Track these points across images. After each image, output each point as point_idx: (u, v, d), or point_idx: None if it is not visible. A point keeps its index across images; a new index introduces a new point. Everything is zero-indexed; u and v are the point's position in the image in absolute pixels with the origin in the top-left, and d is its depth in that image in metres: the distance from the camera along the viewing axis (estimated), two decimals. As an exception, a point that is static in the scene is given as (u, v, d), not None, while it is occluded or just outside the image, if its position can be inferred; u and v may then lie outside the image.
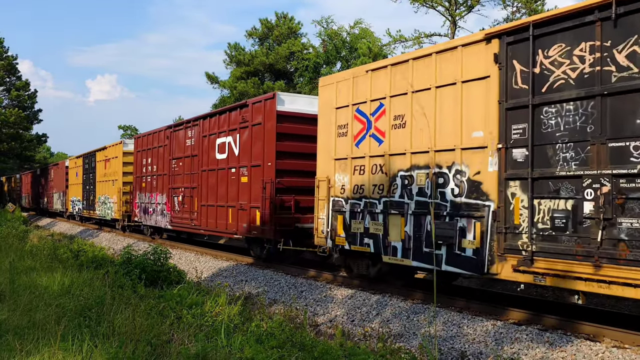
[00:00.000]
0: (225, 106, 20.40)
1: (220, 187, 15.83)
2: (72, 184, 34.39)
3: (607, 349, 6.69)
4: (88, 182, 30.25)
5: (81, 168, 31.93)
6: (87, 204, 30.23)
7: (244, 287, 12.49)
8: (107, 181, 26.55)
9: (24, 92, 51.78)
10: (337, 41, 34.87)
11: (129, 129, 71.30)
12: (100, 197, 27.60)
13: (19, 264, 11.16)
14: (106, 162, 26.90)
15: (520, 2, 27.80)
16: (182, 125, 18.67)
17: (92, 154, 29.40)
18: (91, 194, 29.42)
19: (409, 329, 8.50)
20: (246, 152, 14.50)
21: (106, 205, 26.61)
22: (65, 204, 36.30)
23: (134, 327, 6.49)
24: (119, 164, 24.89)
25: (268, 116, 13.78)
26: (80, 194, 32.09)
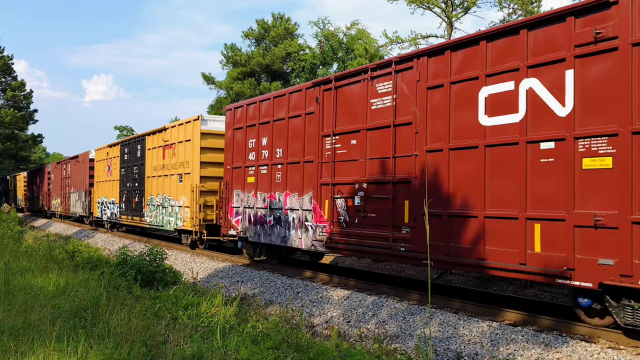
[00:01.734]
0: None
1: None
2: (101, 180, 26.96)
3: (603, 349, 6.71)
4: (130, 177, 22.90)
5: (117, 159, 24.43)
6: (128, 207, 22.99)
7: (240, 288, 12.48)
8: (167, 176, 19.14)
9: (19, 92, 51.59)
10: (333, 42, 34.90)
11: (124, 129, 71.17)
12: (155, 198, 20.17)
13: (14, 264, 11.12)
14: (166, 148, 19.33)
15: (517, 4, 27.87)
16: (358, 75, 10.77)
17: (139, 140, 21.84)
18: (135, 194, 22.13)
19: (405, 330, 8.51)
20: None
21: (166, 210, 19.07)
22: (89, 206, 28.93)
23: (129, 328, 6.47)
24: (194, 150, 17.23)
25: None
26: (114, 193, 24.81)
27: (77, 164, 31.85)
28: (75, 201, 31.55)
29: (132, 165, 22.55)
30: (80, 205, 30.54)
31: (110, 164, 25.23)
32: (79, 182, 30.98)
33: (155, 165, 20.17)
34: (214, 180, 16.80)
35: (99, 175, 27.48)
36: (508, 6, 28.31)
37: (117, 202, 24.23)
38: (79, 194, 30.85)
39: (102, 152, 26.84)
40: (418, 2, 28.66)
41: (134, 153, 22.33)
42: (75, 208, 31.55)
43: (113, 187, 24.89)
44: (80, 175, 30.94)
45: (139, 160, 21.78)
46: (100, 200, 26.88)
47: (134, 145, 22.50)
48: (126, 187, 23.21)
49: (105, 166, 26.14)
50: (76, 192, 31.64)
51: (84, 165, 30.12)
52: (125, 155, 23.38)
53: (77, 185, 31.48)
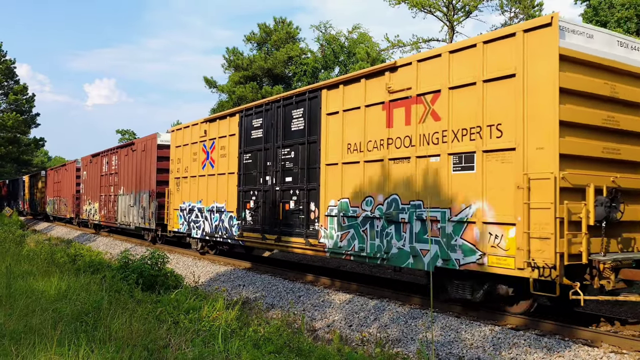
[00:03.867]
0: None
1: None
2: (186, 175, 17.67)
3: (605, 354, 6.69)
4: (273, 168, 13.34)
5: (232, 140, 15.20)
6: (267, 218, 13.57)
7: (242, 291, 12.46)
8: (412, 159, 9.56)
9: (21, 96, 51.77)
10: (335, 46, 34.98)
11: (127, 133, 71.27)
12: (357, 202, 10.74)
13: (16, 268, 11.13)
14: (406, 104, 9.68)
15: (518, 8, 27.92)
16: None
17: (299, 99, 12.67)
18: (287, 195, 12.88)
19: (407, 334, 8.49)
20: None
21: (407, 229, 9.61)
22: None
23: (130, 332, 6.46)
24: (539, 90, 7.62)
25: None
26: (223, 194, 15.44)
27: (131, 154, 22.86)
28: (129, 207, 22.82)
29: (277, 147, 13.24)
30: (139, 212, 21.67)
31: (211, 148, 16.19)
32: (137, 179, 22.02)
33: (356, 142, 10.73)
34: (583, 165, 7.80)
35: (180, 167, 18.11)
36: (510, 10, 28.37)
37: (232, 210, 14.87)
38: (137, 196, 21.91)
39: (190, 132, 17.53)
40: (420, 6, 28.72)
41: (282, 125, 13.08)
42: (129, 217, 22.75)
43: (220, 185, 15.55)
44: (138, 169, 22.01)
45: (297, 135, 12.55)
46: (186, 205, 17.43)
47: (281, 112, 13.15)
48: (258, 183, 13.85)
49: (197, 153, 16.96)
50: (129, 195, 22.94)
51: (146, 155, 21.17)
52: (256, 132, 14.11)
53: (132, 184, 22.53)
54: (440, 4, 28.96)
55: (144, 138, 22.23)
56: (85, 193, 30.43)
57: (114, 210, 25.09)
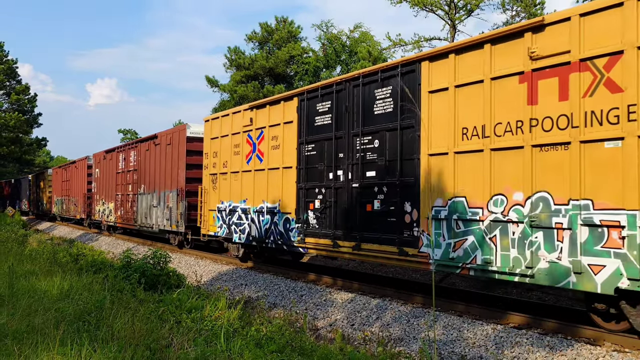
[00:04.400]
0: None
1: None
2: (226, 171, 15.33)
3: (608, 352, 6.68)
4: (345, 161, 11.20)
5: (288, 129, 13.02)
6: (342, 221, 11.20)
7: (244, 291, 12.47)
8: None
9: (23, 96, 51.88)
10: (336, 45, 34.96)
11: (128, 132, 71.36)
12: (490, 204, 8.35)
13: (18, 268, 11.15)
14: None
15: (520, 6, 27.87)
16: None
17: (385, 75, 10.33)
18: (374, 195, 10.51)
19: (409, 333, 8.48)
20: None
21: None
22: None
23: (133, 332, 6.47)
24: None
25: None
26: (276, 192, 13.31)
27: (153, 149, 20.66)
28: (151, 207, 20.60)
29: (353, 135, 10.89)
30: (163, 213, 19.47)
31: (259, 139, 13.88)
32: (161, 176, 19.75)
33: (476, 125, 8.56)
34: None
35: (217, 162, 15.79)
36: (511, 9, 28.32)
37: (288, 211, 12.63)
38: (161, 196, 19.71)
39: (230, 121, 15.18)
40: (421, 4, 28.69)
41: (361, 108, 10.74)
42: (151, 218, 20.60)
43: (272, 182, 13.26)
44: (162, 165, 19.77)
45: (383, 120, 10.24)
46: (225, 206, 15.18)
47: (359, 93, 10.84)
48: (326, 179, 11.59)
49: (239, 145, 14.64)
50: (151, 194, 20.73)
51: (173, 150, 18.87)
52: (322, 118, 11.80)
53: (156, 182, 20.27)
54: (441, 3, 28.94)
55: (170, 130, 19.64)
56: (98, 192, 27.96)
57: (132, 211, 22.67)
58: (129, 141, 23.50)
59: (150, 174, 20.96)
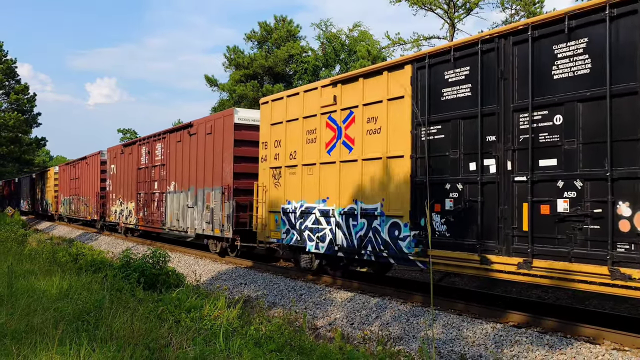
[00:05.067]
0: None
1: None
2: (295, 164, 12.68)
3: (607, 351, 6.68)
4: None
5: (399, 106, 10.13)
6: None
7: (243, 290, 12.47)
8: None
9: (23, 95, 51.86)
10: (336, 44, 34.94)
11: (128, 132, 71.31)
12: None
13: (18, 267, 11.13)
14: None
15: (519, 5, 27.85)
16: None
17: None
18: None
19: (409, 332, 8.48)
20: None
21: None
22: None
23: (132, 331, 6.46)
24: None
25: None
26: (396, 191, 10.16)
27: (187, 140, 17.87)
28: (185, 208, 17.75)
29: (513, 110, 8.24)
30: (202, 215, 16.54)
31: (346, 122, 11.17)
32: (199, 172, 16.93)
33: None
34: None
35: (280, 152, 13.03)
36: (510, 7, 28.31)
37: (398, 214, 9.91)
38: (199, 194, 16.85)
39: (300, 101, 12.46)
40: (420, 3, 28.67)
41: (528, 72, 7.99)
42: (185, 220, 17.73)
43: (368, 175, 10.62)
44: (200, 158, 16.95)
45: (570, 86, 7.56)
46: (294, 206, 12.41)
47: (523, 53, 8.14)
48: (464, 171, 8.94)
49: (316, 130, 11.89)
50: (184, 192, 17.86)
51: (215, 140, 16.10)
52: (453, 89, 9.16)
53: (191, 179, 17.47)
54: (440, 1, 28.92)
55: (210, 117, 16.96)
56: (114, 191, 25.07)
57: (159, 212, 19.76)
58: (155, 132, 20.72)
59: (183, 169, 18.16)
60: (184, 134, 18.20)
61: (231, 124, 15.33)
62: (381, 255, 10.19)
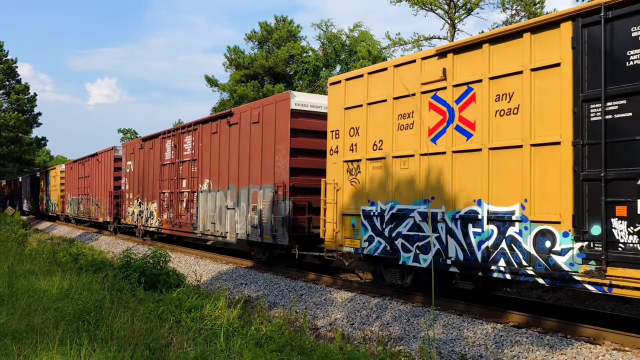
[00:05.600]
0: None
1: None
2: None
3: (608, 351, 6.67)
4: None
5: (558, 76, 7.71)
6: None
7: (244, 290, 12.47)
8: None
9: (23, 95, 51.89)
10: (336, 44, 34.94)
11: (128, 132, 71.34)
12: None
13: (18, 267, 11.14)
14: None
15: (520, 5, 27.84)
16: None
17: None
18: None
19: (409, 332, 8.48)
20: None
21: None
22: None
23: (132, 331, 6.47)
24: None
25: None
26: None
27: (225, 131, 15.63)
28: (224, 209, 15.36)
29: None
30: (248, 218, 14.23)
31: (460, 102, 9.04)
32: (241, 167, 14.68)
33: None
34: None
35: (358, 142, 10.85)
36: (511, 7, 28.30)
37: (549, 219, 7.73)
38: (241, 194, 14.64)
39: (389, 78, 10.28)
40: (421, 3, 28.68)
41: None
42: (223, 224, 15.39)
43: (497, 168, 8.45)
44: (245, 151, 14.62)
45: None
46: (380, 209, 10.25)
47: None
48: None
49: (412, 114, 9.77)
50: (221, 192, 15.62)
51: (264, 129, 13.78)
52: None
53: (230, 176, 15.20)
54: (441, 2, 28.93)
55: (257, 103, 14.54)
56: (131, 190, 22.78)
57: (188, 214, 17.51)
58: (184, 123, 18.67)
59: (220, 164, 15.78)
60: (221, 124, 15.93)
61: (286, 111, 12.98)
62: (523, 272, 7.90)
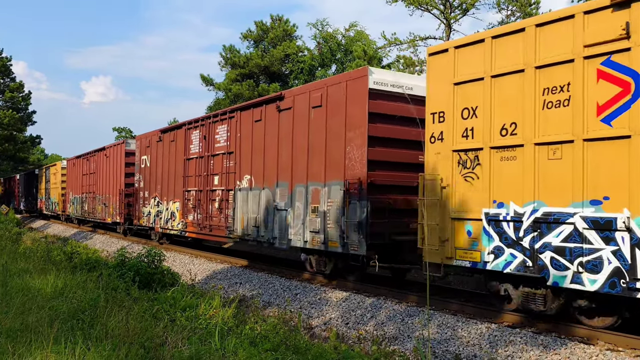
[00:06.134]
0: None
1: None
2: None
3: (601, 351, 6.71)
4: None
5: None
6: None
7: (238, 289, 12.46)
8: None
9: (18, 93, 51.70)
10: (332, 44, 34.92)
11: (123, 130, 71.04)
12: None
13: (12, 266, 11.11)
14: None
15: (515, 6, 27.91)
16: None
17: None
18: None
19: (404, 332, 8.50)
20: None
21: None
22: (426, 231, 8.98)
23: (127, 330, 6.46)
24: None
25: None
26: None
27: (277, 118, 13.11)
28: (268, 210, 13.26)
29: None
30: (307, 221, 11.96)
31: None
32: (299, 161, 12.34)
33: None
34: None
35: (474, 125, 8.60)
36: (507, 8, 28.38)
37: None
38: (296, 192, 12.37)
39: (521, 42, 7.99)
40: (416, 3, 28.71)
41: None
42: (272, 228, 13.08)
43: None
44: (299, 141, 12.39)
45: None
46: (513, 211, 7.95)
47: None
48: None
49: (561, 88, 7.51)
50: (267, 190, 13.37)
51: (331, 115, 11.56)
52: None
53: (280, 171, 12.91)
54: (437, 2, 28.97)
55: (318, 84, 12.19)
56: (147, 188, 20.57)
57: (221, 216, 15.24)
58: (213, 112, 16.63)
59: (266, 157, 13.33)
60: (267, 110, 13.38)
61: (363, 91, 10.57)
62: None
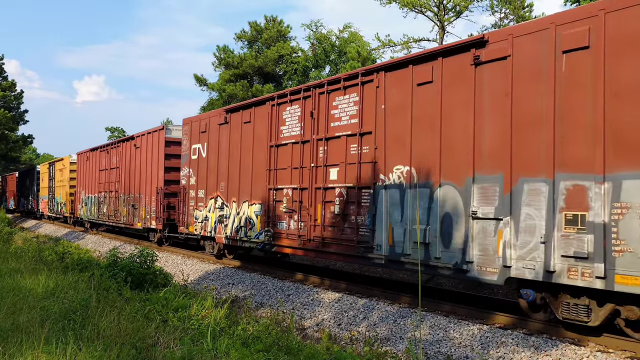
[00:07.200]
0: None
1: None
2: None
3: (592, 353, 6.75)
4: None
5: None
6: None
7: (231, 290, 12.44)
8: None
9: (10, 92, 51.41)
10: (326, 45, 34.96)
11: (116, 130, 70.71)
12: None
13: (3, 266, 11.05)
14: None
15: (508, 9, 28.04)
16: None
17: None
18: None
19: (396, 333, 8.51)
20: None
21: None
22: None
23: (119, 330, 6.44)
24: None
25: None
26: None
27: (472, 76, 8.13)
28: (451, 220, 8.39)
29: None
30: (555, 239, 6.99)
31: None
32: (576, 137, 6.87)
33: None
34: None
35: None
36: (500, 11, 28.50)
37: None
38: (513, 192, 7.56)
39: None
40: (410, 5, 28.79)
41: None
42: (451, 247, 8.35)
43: None
44: (524, 109, 7.45)
45: None
46: None
47: None
48: None
49: None
50: (449, 187, 8.46)
51: (613, 61, 6.51)
52: None
53: (473, 162, 8.09)
54: (430, 4, 29.05)
55: (548, 19, 7.33)
56: (202, 185, 15.54)
57: (344, 226, 10.54)
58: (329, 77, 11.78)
59: (443, 136, 8.67)
60: (447, 65, 8.73)
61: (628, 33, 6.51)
62: None
